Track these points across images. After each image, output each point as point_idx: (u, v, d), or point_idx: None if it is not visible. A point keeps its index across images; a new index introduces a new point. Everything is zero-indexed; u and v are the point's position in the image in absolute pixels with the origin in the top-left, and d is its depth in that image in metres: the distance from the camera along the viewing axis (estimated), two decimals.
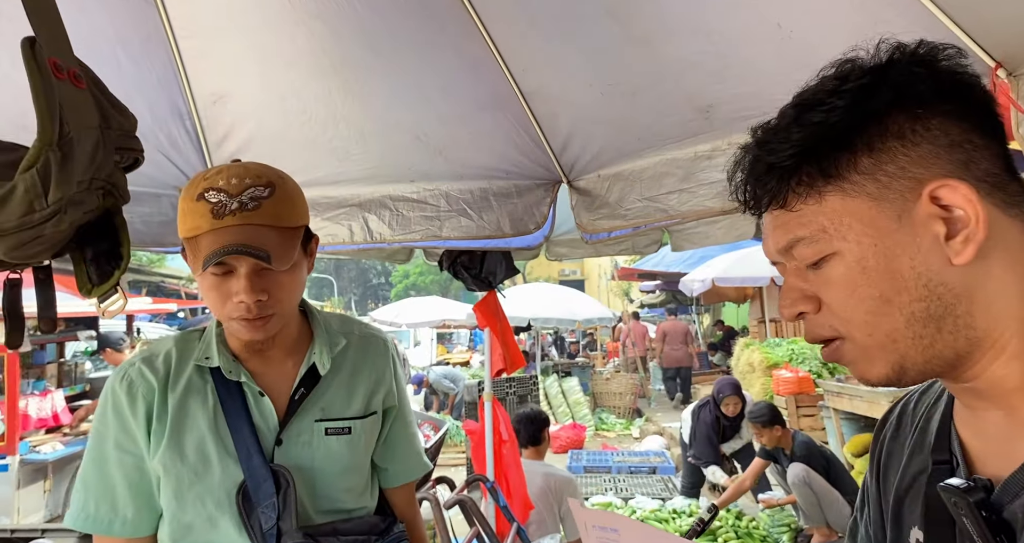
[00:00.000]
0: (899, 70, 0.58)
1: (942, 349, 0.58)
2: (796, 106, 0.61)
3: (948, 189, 0.56)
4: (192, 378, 1.13)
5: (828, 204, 0.59)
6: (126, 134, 1.03)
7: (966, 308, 0.56)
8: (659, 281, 13.47)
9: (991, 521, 0.55)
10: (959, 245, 0.56)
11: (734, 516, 4.59)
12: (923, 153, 0.57)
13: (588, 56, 1.79)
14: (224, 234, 1.02)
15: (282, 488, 1.08)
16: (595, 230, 2.12)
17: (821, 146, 0.58)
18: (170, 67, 1.84)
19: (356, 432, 1.19)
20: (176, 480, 1.07)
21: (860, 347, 0.60)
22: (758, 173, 0.62)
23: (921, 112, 0.58)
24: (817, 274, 0.61)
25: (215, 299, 1.05)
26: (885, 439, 0.78)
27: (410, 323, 13.70)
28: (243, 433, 1.09)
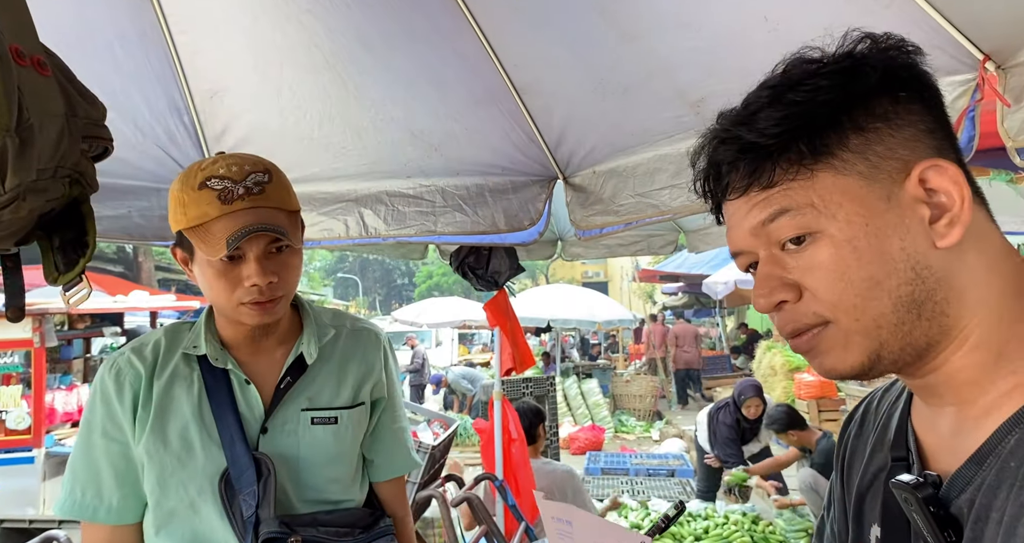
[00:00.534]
0: (880, 55, 0.58)
1: (918, 336, 0.57)
2: (771, 88, 0.59)
3: (937, 169, 0.56)
4: (179, 366, 1.14)
5: (819, 180, 0.57)
6: (94, 123, 1.04)
7: (944, 294, 0.56)
8: (681, 283, 13.34)
9: (939, 516, 0.55)
10: (943, 228, 0.55)
11: (750, 520, 4.51)
12: (907, 136, 0.57)
13: (579, 52, 1.78)
14: (238, 217, 1.04)
15: (263, 476, 1.08)
16: (588, 226, 2.10)
17: (810, 123, 0.57)
18: (167, 63, 1.88)
19: (343, 422, 1.19)
20: (159, 466, 1.08)
21: (843, 332, 0.58)
22: (733, 154, 0.60)
23: (904, 96, 0.57)
24: (798, 259, 0.58)
25: (223, 286, 1.07)
26: (849, 437, 0.77)
27: (431, 323, 13.79)
28: (227, 420, 1.10)
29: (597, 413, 9.75)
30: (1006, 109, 1.19)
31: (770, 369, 8.36)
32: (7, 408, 5.14)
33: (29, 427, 5.10)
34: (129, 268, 15.52)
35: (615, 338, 18.18)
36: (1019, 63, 1.16)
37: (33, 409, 5.14)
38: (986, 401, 0.56)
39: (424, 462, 3.80)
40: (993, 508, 0.52)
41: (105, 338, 6.76)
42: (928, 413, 0.63)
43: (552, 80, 1.93)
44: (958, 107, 1.24)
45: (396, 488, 1.36)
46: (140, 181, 2.02)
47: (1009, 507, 0.51)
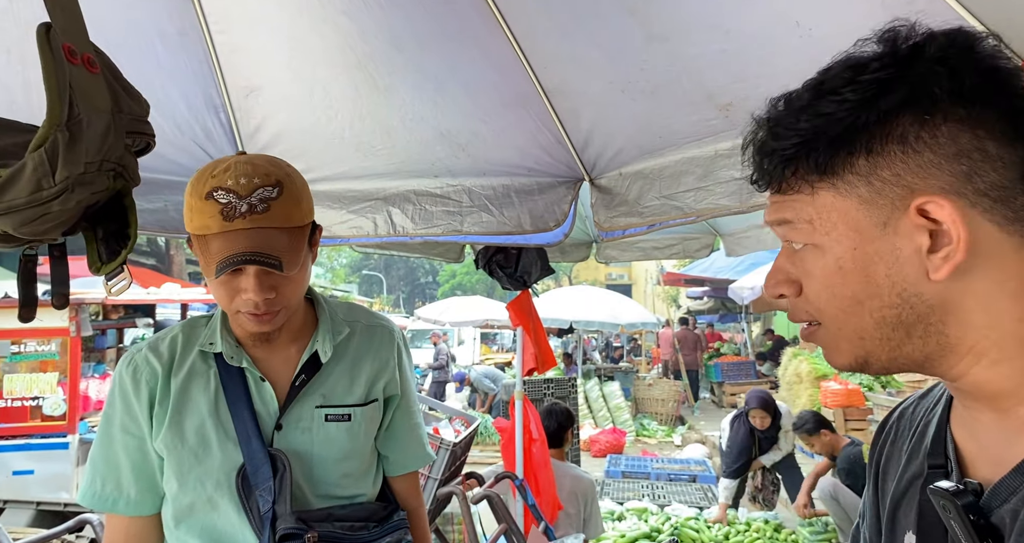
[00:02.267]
0: (918, 68, 0.55)
1: (910, 351, 0.58)
2: (814, 89, 0.59)
3: (934, 206, 0.54)
4: (195, 363, 1.16)
5: (819, 198, 0.59)
6: (137, 119, 1.08)
7: (940, 317, 0.56)
8: (707, 287, 13.21)
9: (979, 525, 0.55)
10: (939, 261, 0.54)
11: (772, 528, 4.46)
12: (922, 162, 0.55)
13: (609, 53, 1.78)
14: (235, 238, 1.02)
15: (279, 472, 1.10)
16: (611, 228, 2.11)
17: (821, 140, 0.57)
18: (205, 61, 1.93)
19: (356, 419, 1.21)
20: (177, 462, 1.11)
21: (831, 336, 0.61)
22: (762, 153, 0.62)
23: (929, 117, 0.54)
24: (800, 260, 0.62)
25: (223, 295, 1.08)
26: (885, 444, 0.77)
27: (454, 322, 13.85)
28: (243, 417, 1.12)
29: (619, 416, 9.70)
30: None
31: (796, 376, 8.23)
32: (44, 395, 5.30)
33: (64, 414, 5.25)
34: (161, 261, 15.86)
35: (637, 341, 18.07)
36: None
37: (68, 396, 5.29)
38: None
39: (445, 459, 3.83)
40: None
41: (137, 328, 6.93)
42: (967, 420, 0.63)
43: (581, 81, 1.93)
44: None
45: (410, 482, 1.37)
46: (176, 176, 2.08)
47: None
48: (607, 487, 5.91)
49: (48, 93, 0.90)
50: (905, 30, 0.57)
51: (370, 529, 1.16)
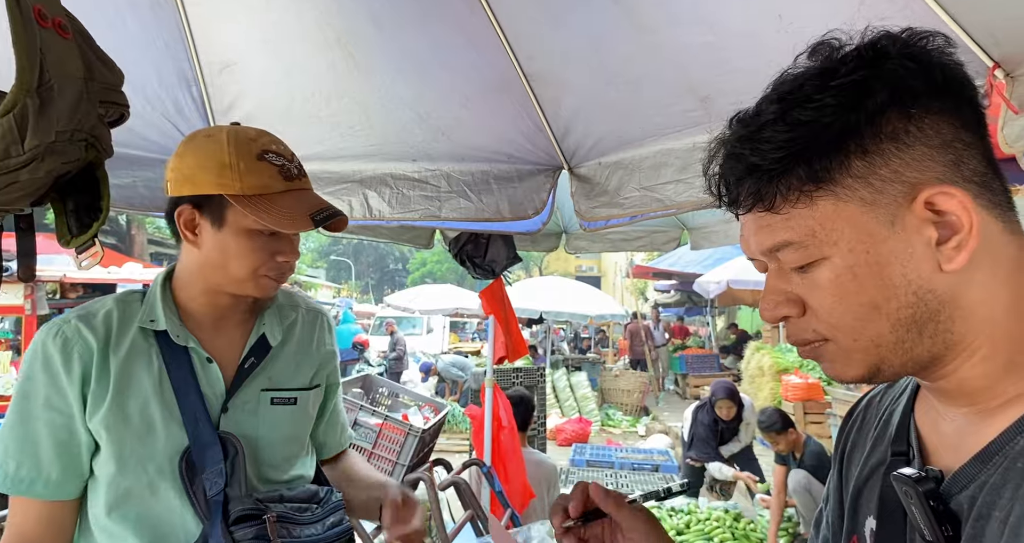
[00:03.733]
0: (892, 65, 0.55)
1: (920, 353, 0.58)
2: (780, 101, 0.57)
3: (944, 196, 0.54)
4: (136, 340, 1.10)
5: (819, 209, 0.56)
6: (111, 88, 1.05)
7: (948, 313, 0.56)
8: (674, 281, 13.39)
9: (938, 511, 0.56)
10: (951, 251, 0.54)
11: (732, 517, 4.57)
12: (916, 155, 0.55)
13: (592, 41, 1.78)
14: (304, 196, 1.09)
15: (230, 455, 1.08)
16: (593, 218, 2.11)
17: (812, 148, 0.55)
18: (178, 33, 1.87)
19: (301, 403, 1.21)
20: (118, 443, 1.05)
21: (843, 350, 0.59)
22: (739, 172, 0.59)
23: (914, 112, 0.55)
24: (804, 277, 0.59)
25: (256, 257, 1.08)
26: (851, 432, 0.78)
27: (424, 309, 13.81)
28: (190, 398, 1.08)
29: (585, 406, 9.81)
30: (1009, 116, 1.21)
31: (758, 370, 8.43)
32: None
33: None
34: (122, 240, 15.44)
35: (605, 333, 18.25)
36: None
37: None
38: (995, 404, 0.57)
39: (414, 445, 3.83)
40: (996, 507, 0.53)
41: None
42: (932, 411, 0.64)
43: (563, 69, 1.93)
44: None
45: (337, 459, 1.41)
46: (146, 152, 2.01)
47: (1016, 506, 0.51)
48: (571, 476, 5.98)
49: (17, 57, 0.86)
50: (838, 41, 0.58)
51: (313, 511, 1.16)
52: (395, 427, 3.56)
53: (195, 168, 1.07)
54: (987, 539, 0.53)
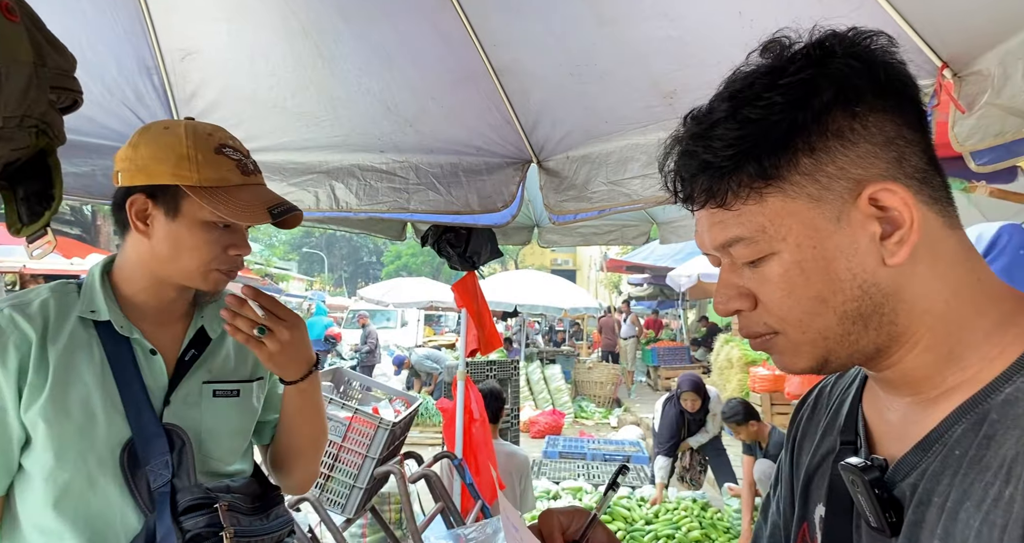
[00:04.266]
0: (838, 64, 0.57)
1: (865, 345, 0.59)
2: (730, 99, 0.58)
3: (887, 193, 0.56)
4: (76, 331, 1.07)
5: (768, 205, 0.58)
6: (63, 73, 1.02)
7: (892, 306, 0.58)
8: (647, 274, 13.52)
9: (882, 498, 0.58)
10: (894, 246, 0.56)
11: (699, 507, 4.65)
12: (861, 152, 0.57)
13: (558, 35, 1.79)
14: (260, 190, 1.10)
15: (176, 446, 1.07)
16: (562, 212, 2.13)
17: (762, 146, 0.57)
18: (138, 20, 1.83)
19: (244, 395, 1.20)
20: (58, 436, 1.02)
21: (792, 342, 0.61)
22: (692, 169, 0.60)
23: (859, 110, 0.57)
24: (754, 272, 0.61)
25: (207, 250, 1.08)
26: (801, 420, 0.80)
27: (398, 303, 13.73)
28: (132, 390, 1.07)
29: (558, 398, 9.88)
30: (958, 115, 1.25)
31: (727, 362, 8.56)
32: None
33: None
34: (87, 231, 15.07)
35: (580, 326, 18.38)
36: (974, 71, 1.21)
37: None
38: (936, 393, 0.59)
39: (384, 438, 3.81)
40: (936, 493, 0.55)
41: None
42: (879, 401, 0.66)
43: (530, 62, 1.93)
44: None
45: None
46: (105, 140, 1.97)
47: (953, 493, 0.53)
48: (544, 467, 6.03)
49: None
50: (788, 40, 0.59)
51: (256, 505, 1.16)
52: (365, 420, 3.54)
53: (150, 159, 1.05)
54: (927, 524, 0.55)
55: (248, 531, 1.09)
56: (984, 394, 0.55)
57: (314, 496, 2.63)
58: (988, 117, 1.22)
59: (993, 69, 1.16)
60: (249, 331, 1.07)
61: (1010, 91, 1.13)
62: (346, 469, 2.86)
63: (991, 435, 0.53)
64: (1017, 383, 0.54)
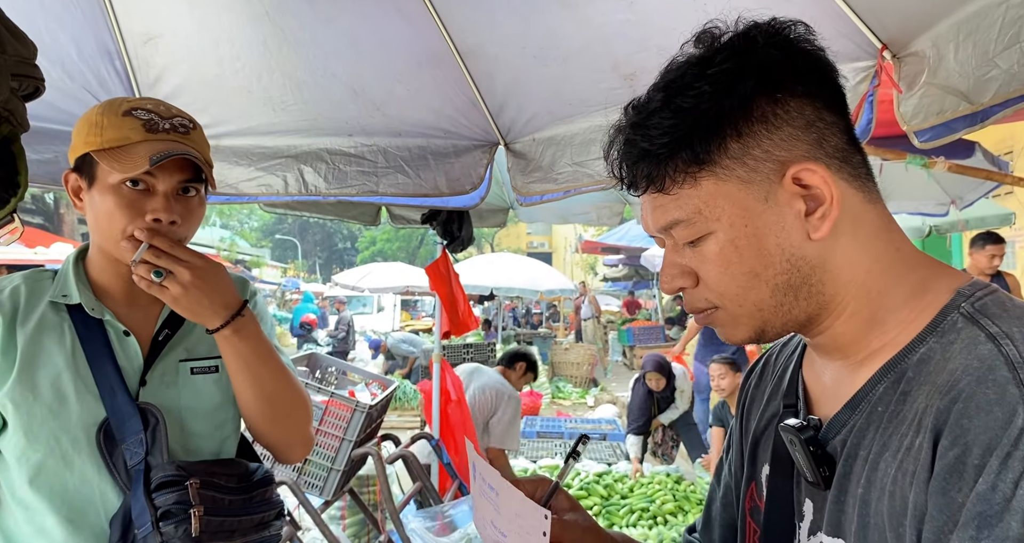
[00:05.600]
0: (760, 54, 0.61)
1: (797, 314, 0.64)
2: (665, 89, 0.63)
3: (808, 173, 0.60)
4: (46, 315, 1.09)
5: (703, 188, 0.62)
6: (24, 61, 1.03)
7: (819, 277, 0.63)
8: (622, 255, 13.63)
9: (817, 455, 0.63)
10: (817, 221, 0.61)
11: (673, 480, 4.78)
12: (784, 135, 0.61)
13: (521, 17, 1.81)
14: (163, 144, 1.03)
15: (150, 424, 1.08)
16: (528, 193, 2.17)
17: (693, 133, 0.61)
18: (97, 3, 1.81)
19: (223, 371, 1.19)
20: (28, 417, 1.04)
21: (731, 315, 0.66)
22: (633, 157, 0.64)
23: (780, 96, 0.61)
24: (694, 251, 0.65)
25: (121, 215, 1.03)
26: (750, 387, 0.85)
27: (374, 288, 13.67)
28: (105, 371, 1.08)
29: None
30: (900, 95, 1.31)
31: None
32: None
33: None
34: (50, 220, 14.70)
35: (556, 308, 18.50)
36: (911, 53, 1.27)
37: None
38: (862, 356, 0.64)
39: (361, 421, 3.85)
40: (861, 447, 0.60)
41: None
42: (816, 366, 0.72)
43: (495, 45, 1.95)
44: (859, 91, 1.35)
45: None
46: (67, 126, 1.93)
47: (875, 445, 0.59)
48: (523, 447, 6.12)
49: None
50: (719, 30, 0.64)
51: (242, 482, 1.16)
52: (341, 403, 3.57)
53: (75, 134, 1.07)
54: (854, 475, 0.60)
55: (226, 510, 1.10)
56: (902, 355, 0.61)
57: (292, 479, 2.66)
58: (929, 96, 1.28)
59: (928, 51, 1.22)
60: (147, 275, 1.03)
61: (944, 72, 1.19)
62: (324, 452, 2.88)
63: (907, 391, 0.58)
64: (930, 343, 0.59)
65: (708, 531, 0.91)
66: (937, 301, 0.61)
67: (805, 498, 0.67)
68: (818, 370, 0.72)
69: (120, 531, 1.04)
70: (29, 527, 1.06)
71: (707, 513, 0.91)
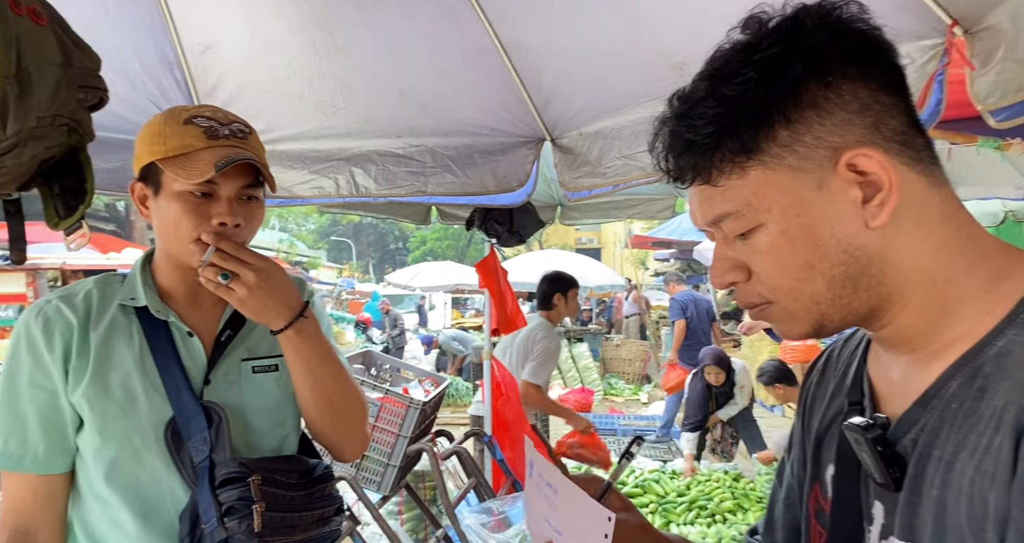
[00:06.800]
0: (808, 37, 0.59)
1: (857, 306, 0.61)
2: (710, 78, 0.61)
3: (864, 158, 0.58)
4: (116, 317, 1.13)
5: (751, 178, 0.60)
6: (89, 72, 1.08)
7: (879, 267, 0.60)
8: (674, 249, 13.40)
9: (885, 455, 0.60)
10: (875, 209, 0.58)
11: (731, 478, 4.67)
12: (837, 120, 0.58)
13: (567, 11, 1.79)
14: (225, 149, 1.06)
15: (214, 422, 1.11)
16: (576, 188, 2.15)
17: (739, 121, 0.59)
18: (157, 15, 1.88)
19: (283, 368, 1.22)
20: (101, 416, 1.08)
21: (786, 310, 0.63)
22: (679, 149, 0.63)
23: (831, 79, 0.58)
24: (745, 244, 0.63)
25: (188, 221, 1.06)
26: (811, 385, 0.82)
27: (425, 287, 13.87)
28: (171, 371, 1.11)
29: (587, 376, 9.92)
30: (976, 73, 1.23)
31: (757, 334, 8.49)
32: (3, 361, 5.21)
33: None
34: (121, 226, 15.46)
35: (607, 304, 18.33)
36: (985, 27, 1.19)
37: None
38: (932, 350, 0.61)
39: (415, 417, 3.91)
40: (935, 447, 0.57)
41: None
42: (882, 361, 0.69)
43: (540, 40, 1.94)
44: (928, 71, 1.28)
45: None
46: (133, 135, 2.02)
47: (950, 445, 0.56)
48: None
49: None
50: (766, 15, 0.61)
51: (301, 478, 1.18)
52: (396, 400, 3.63)
53: (138, 144, 1.10)
54: (927, 476, 0.57)
55: (288, 506, 1.12)
56: (978, 348, 0.57)
57: (350, 474, 2.71)
58: (1007, 73, 1.20)
59: (1005, 24, 1.14)
60: (214, 277, 1.06)
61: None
62: (380, 448, 2.93)
63: (984, 387, 0.55)
64: (1009, 335, 0.56)
65: (771, 533, 0.88)
66: (1016, 290, 0.57)
67: (874, 500, 0.64)
68: (885, 365, 0.68)
69: (189, 526, 1.08)
70: (106, 521, 1.11)
71: (769, 514, 0.88)
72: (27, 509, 1.09)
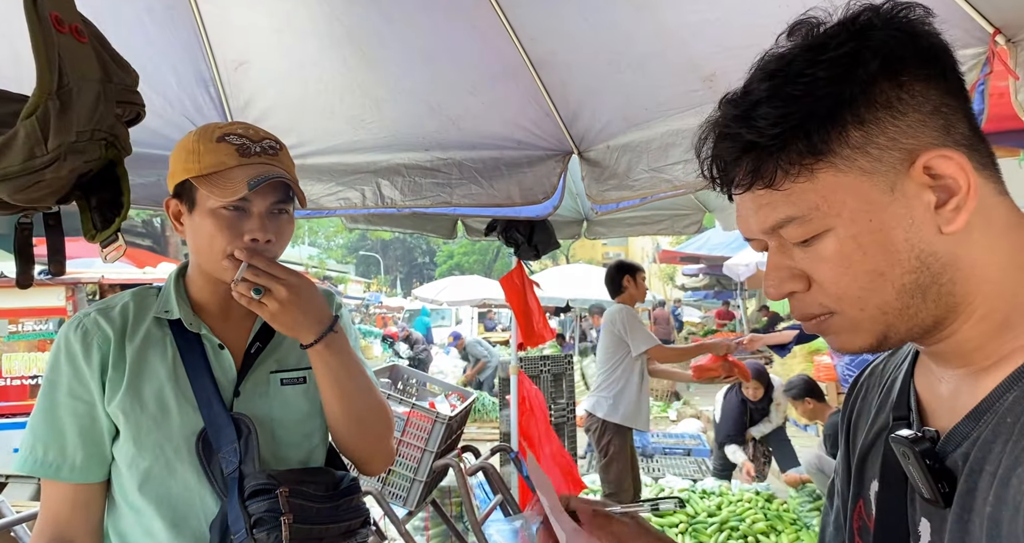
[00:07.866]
0: (880, 35, 0.57)
1: (924, 317, 0.59)
2: (770, 78, 0.58)
3: (943, 160, 0.56)
4: (150, 330, 1.16)
5: (820, 181, 0.57)
6: (127, 88, 1.10)
7: (950, 276, 0.57)
8: (702, 264, 13.27)
9: (934, 469, 0.57)
10: (950, 213, 0.56)
11: (764, 498, 4.56)
12: (911, 122, 0.56)
13: (594, 24, 1.79)
14: (257, 168, 1.08)
15: (243, 434, 1.12)
16: (604, 201, 2.13)
17: (809, 121, 0.56)
18: (193, 34, 1.93)
19: (311, 380, 1.23)
20: (135, 427, 1.10)
21: (850, 321, 0.60)
22: (735, 152, 0.60)
23: (905, 79, 0.57)
24: (807, 251, 0.60)
25: (222, 237, 1.08)
26: (856, 400, 0.80)
27: (451, 301, 13.94)
28: (203, 383, 1.13)
29: None
30: (1019, 83, 1.19)
31: (791, 351, 8.33)
32: (42, 373, 5.35)
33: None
34: (157, 242, 15.86)
35: None
36: None
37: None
38: (988, 363, 0.58)
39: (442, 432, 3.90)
40: (988, 462, 0.54)
41: None
42: (930, 375, 0.66)
43: (568, 54, 1.94)
44: (969, 80, 1.24)
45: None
46: (168, 151, 2.08)
47: (1004, 459, 0.53)
48: None
49: (37, 61, 0.92)
50: (816, 19, 0.59)
51: (328, 490, 1.19)
52: (422, 415, 3.63)
53: (172, 162, 1.13)
54: (979, 492, 0.54)
55: (314, 518, 1.13)
56: None
57: (376, 489, 2.71)
58: None
59: None
60: (247, 293, 1.08)
61: None
62: (406, 463, 2.92)
63: None
64: None
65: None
66: None
67: (921, 517, 0.61)
68: (934, 380, 0.65)
69: (219, 537, 1.09)
70: (139, 529, 1.12)
71: (821, 537, 0.85)
72: (65, 517, 1.11)
